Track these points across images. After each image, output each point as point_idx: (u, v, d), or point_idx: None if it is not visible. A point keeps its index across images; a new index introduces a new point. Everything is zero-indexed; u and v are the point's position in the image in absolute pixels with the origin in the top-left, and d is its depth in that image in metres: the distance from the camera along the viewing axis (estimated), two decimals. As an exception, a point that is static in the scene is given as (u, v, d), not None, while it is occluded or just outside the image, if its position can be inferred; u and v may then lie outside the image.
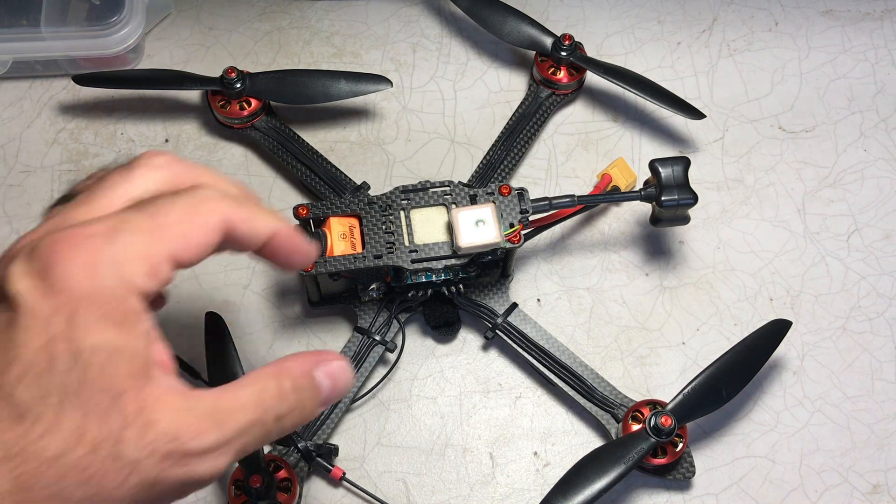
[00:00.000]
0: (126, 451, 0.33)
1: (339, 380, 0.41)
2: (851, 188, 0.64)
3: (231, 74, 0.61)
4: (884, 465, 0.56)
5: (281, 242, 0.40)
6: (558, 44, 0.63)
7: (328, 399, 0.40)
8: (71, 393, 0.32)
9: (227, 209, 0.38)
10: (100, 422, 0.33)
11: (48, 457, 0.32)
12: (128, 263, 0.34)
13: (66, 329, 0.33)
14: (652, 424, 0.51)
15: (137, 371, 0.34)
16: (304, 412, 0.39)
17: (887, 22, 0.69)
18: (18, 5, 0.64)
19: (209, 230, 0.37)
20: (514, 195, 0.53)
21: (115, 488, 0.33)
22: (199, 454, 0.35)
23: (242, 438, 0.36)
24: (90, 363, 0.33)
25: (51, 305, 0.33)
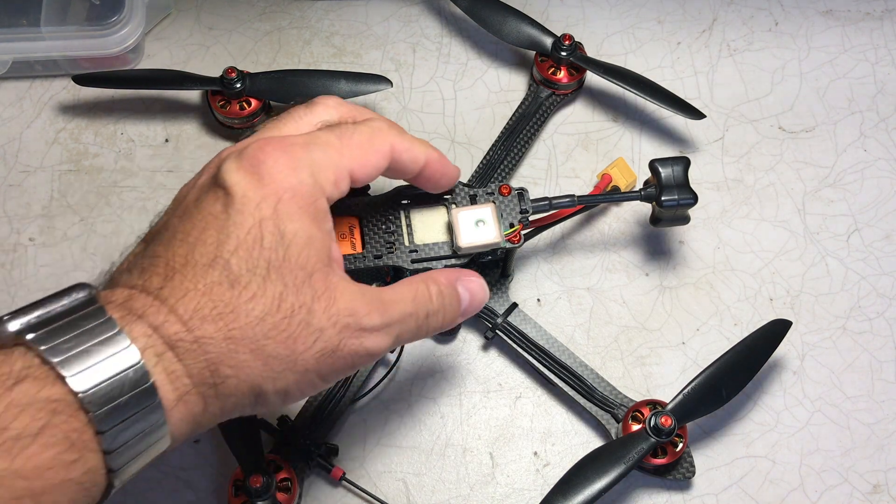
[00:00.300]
0: (315, 319, 0.39)
1: (476, 294, 0.48)
2: (851, 188, 0.64)
3: (231, 74, 0.61)
4: (884, 465, 0.56)
5: (432, 169, 0.48)
6: (558, 44, 0.63)
7: (466, 310, 0.47)
8: (275, 267, 0.39)
9: (395, 139, 0.45)
10: (296, 293, 0.39)
11: (254, 317, 0.38)
12: (320, 170, 0.41)
13: (273, 214, 0.39)
14: (652, 424, 0.51)
15: (324, 258, 0.40)
16: (447, 316, 0.46)
17: (887, 22, 0.69)
18: (18, 5, 0.64)
19: (381, 155, 0.45)
20: (514, 195, 0.53)
21: (304, 350, 0.39)
22: (370, 330, 0.41)
23: (400, 326, 0.43)
24: (291, 244, 0.39)
25: (260, 194, 0.39)
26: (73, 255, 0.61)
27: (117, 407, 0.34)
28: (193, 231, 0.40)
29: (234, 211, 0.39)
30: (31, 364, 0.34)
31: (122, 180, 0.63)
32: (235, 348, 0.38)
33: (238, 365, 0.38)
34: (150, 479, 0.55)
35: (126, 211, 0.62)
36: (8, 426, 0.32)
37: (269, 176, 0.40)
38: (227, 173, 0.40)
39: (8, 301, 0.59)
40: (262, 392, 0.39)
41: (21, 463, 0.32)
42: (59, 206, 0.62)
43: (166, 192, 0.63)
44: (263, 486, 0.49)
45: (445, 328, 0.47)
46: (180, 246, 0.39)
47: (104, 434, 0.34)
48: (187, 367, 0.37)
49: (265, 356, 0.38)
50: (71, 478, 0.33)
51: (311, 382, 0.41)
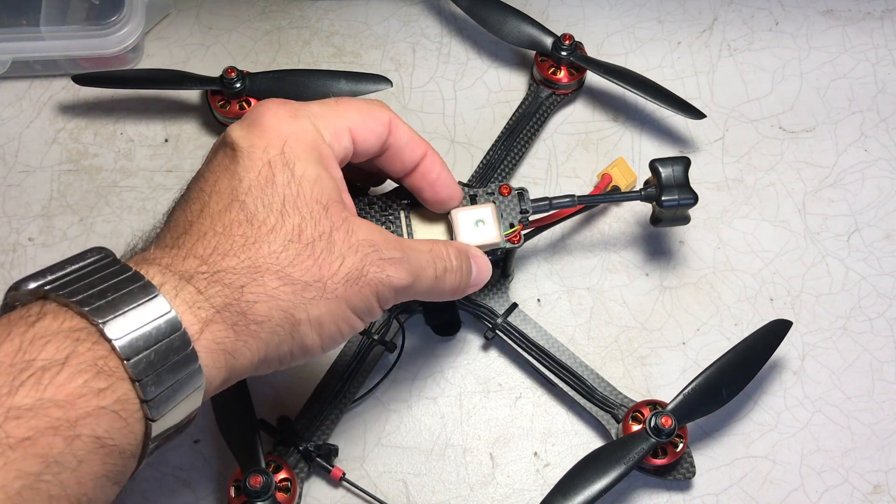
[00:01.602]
0: (336, 247, 0.41)
1: (482, 269, 0.49)
2: (852, 188, 0.63)
3: (231, 74, 0.61)
4: (884, 465, 0.56)
5: (431, 166, 0.49)
6: (558, 43, 0.63)
7: (473, 282, 0.49)
8: (290, 201, 0.40)
9: (393, 115, 0.47)
10: (314, 224, 0.40)
11: (277, 246, 0.39)
12: (319, 119, 0.43)
13: (281, 155, 0.41)
14: (652, 425, 0.51)
15: (336, 196, 0.42)
16: (462, 278, 0.47)
17: (888, 22, 0.69)
18: (18, 5, 0.64)
19: (380, 121, 0.46)
20: (514, 195, 0.53)
21: (331, 275, 0.40)
22: (390, 261, 0.42)
23: (419, 268, 0.44)
24: (303, 180, 0.41)
25: (265, 140, 0.41)
26: (72, 255, 0.61)
27: (141, 336, 0.35)
28: (206, 186, 0.41)
29: (243, 158, 0.41)
30: (50, 306, 0.35)
31: (122, 180, 0.63)
32: (261, 276, 0.39)
33: (265, 291, 0.39)
34: (150, 478, 0.55)
35: (125, 211, 0.62)
36: (35, 357, 0.33)
37: (271, 124, 0.42)
38: (232, 132, 0.42)
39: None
40: (296, 321, 0.40)
41: (53, 392, 0.32)
42: (58, 206, 0.62)
43: (166, 193, 0.63)
44: (263, 486, 0.49)
45: (458, 292, 0.48)
46: (195, 202, 0.41)
47: (130, 361, 0.34)
48: (209, 298, 0.37)
49: (292, 282, 0.39)
50: (104, 405, 0.33)
51: (344, 315, 0.42)
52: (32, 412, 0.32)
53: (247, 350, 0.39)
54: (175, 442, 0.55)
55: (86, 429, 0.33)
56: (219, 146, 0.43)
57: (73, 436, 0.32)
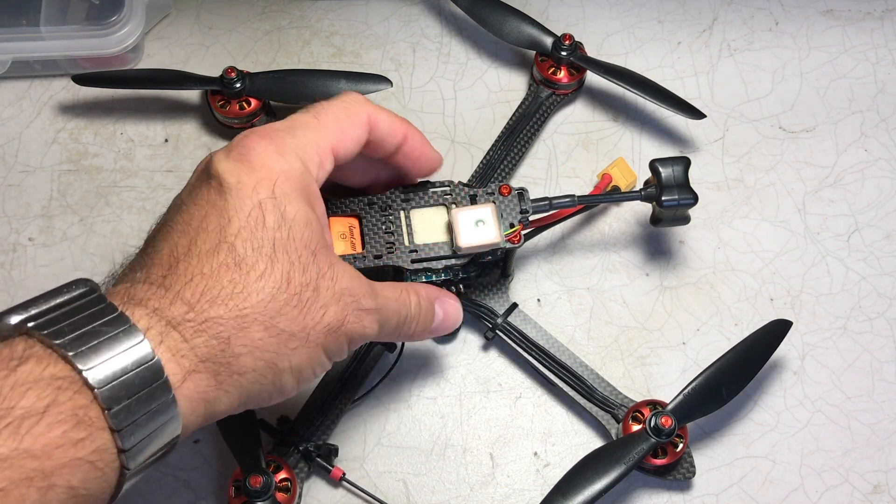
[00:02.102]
0: (321, 296, 0.41)
1: (450, 315, 0.50)
2: (852, 188, 0.63)
3: (231, 74, 0.61)
4: (884, 465, 0.56)
5: (412, 145, 0.49)
6: (558, 43, 0.63)
7: (437, 328, 0.49)
8: (280, 246, 0.40)
9: (371, 108, 0.47)
10: (302, 271, 0.40)
11: (266, 295, 0.39)
12: (306, 152, 0.43)
13: (271, 196, 0.40)
14: (652, 425, 0.51)
15: (322, 239, 0.42)
16: (419, 326, 0.48)
17: (888, 22, 0.69)
18: (18, 5, 0.64)
19: (360, 126, 0.46)
20: (514, 195, 0.53)
21: (314, 326, 0.40)
22: (366, 311, 0.43)
23: (386, 317, 0.44)
24: (294, 224, 0.40)
25: (254, 178, 0.40)
26: (72, 255, 0.61)
27: (123, 384, 0.34)
28: (193, 221, 0.40)
29: (232, 196, 0.40)
30: (34, 347, 0.34)
31: (122, 180, 0.63)
32: (248, 326, 0.38)
33: (252, 342, 0.38)
34: (150, 479, 0.55)
35: (125, 211, 0.62)
36: (14, 405, 0.32)
37: (260, 161, 0.41)
38: (218, 163, 0.41)
39: (8, 301, 0.59)
40: (279, 370, 0.40)
41: (29, 442, 0.32)
42: (58, 206, 0.62)
43: (166, 192, 0.63)
44: (263, 486, 0.49)
45: (415, 338, 0.49)
46: (181, 237, 0.40)
47: (111, 411, 0.34)
48: (194, 347, 0.37)
49: (278, 332, 0.39)
50: (80, 456, 0.33)
51: (320, 361, 0.42)
52: (7, 462, 0.31)
53: (227, 398, 0.39)
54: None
55: (61, 479, 0.33)
56: (203, 177, 0.42)
57: (48, 486, 0.32)
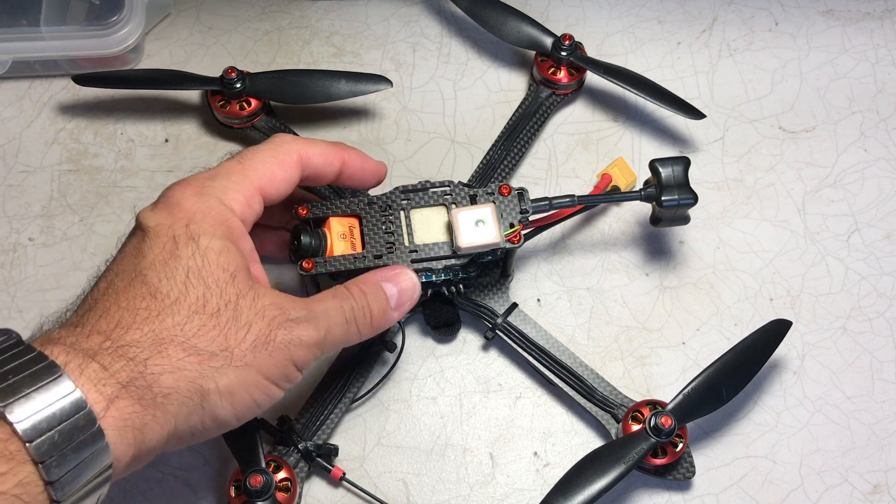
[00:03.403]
0: (242, 314, 0.41)
1: (403, 285, 0.49)
2: (852, 188, 0.63)
3: (231, 74, 0.61)
4: (884, 465, 0.56)
5: (353, 168, 0.50)
6: (558, 44, 0.63)
7: (399, 302, 0.49)
8: (194, 272, 0.40)
9: (301, 146, 0.47)
10: (219, 293, 0.40)
11: (181, 318, 0.39)
12: (227, 193, 0.44)
13: (186, 231, 0.41)
14: (652, 425, 0.51)
15: (244, 267, 0.42)
16: (374, 309, 0.47)
17: (887, 22, 0.69)
18: (18, 5, 0.64)
19: (288, 166, 0.46)
20: (514, 195, 0.53)
21: (237, 344, 0.40)
22: (297, 321, 0.42)
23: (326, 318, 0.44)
24: (208, 251, 0.41)
25: (170, 218, 0.42)
26: (72, 255, 0.61)
27: (44, 418, 0.34)
28: (113, 266, 0.42)
29: (149, 237, 0.41)
30: None
31: (122, 180, 0.63)
32: (165, 347, 0.39)
33: (170, 362, 0.39)
34: (150, 478, 0.55)
35: (126, 211, 0.62)
36: None
37: (178, 205, 0.42)
38: (142, 215, 0.43)
39: (8, 301, 0.59)
40: (205, 392, 0.39)
41: None
42: (58, 206, 0.62)
43: (166, 192, 0.63)
44: (263, 486, 0.49)
45: (380, 323, 0.48)
46: (101, 282, 0.41)
47: (32, 443, 0.34)
48: (114, 373, 0.37)
49: (198, 352, 0.39)
50: (3, 490, 0.33)
51: (257, 383, 0.41)
52: None
53: (155, 424, 0.38)
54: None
55: None
56: (131, 231, 0.44)
57: None
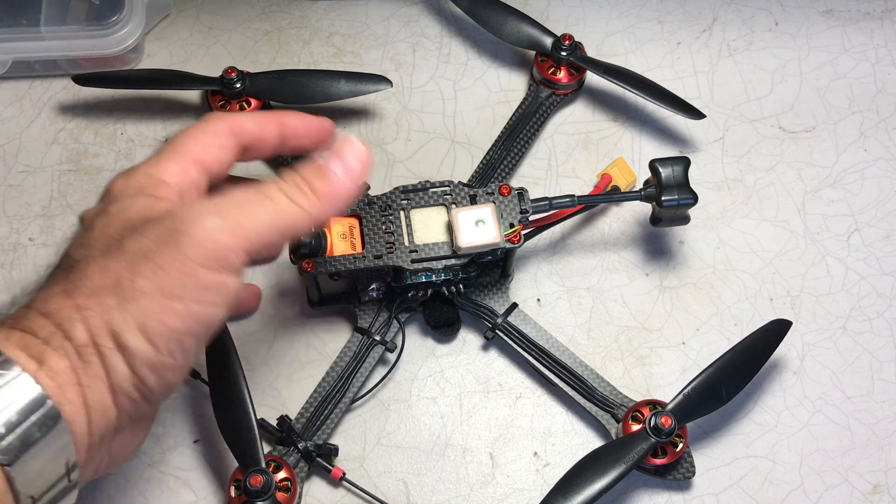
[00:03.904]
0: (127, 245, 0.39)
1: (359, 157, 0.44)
2: (852, 188, 0.63)
3: (231, 74, 0.61)
4: (884, 465, 0.56)
5: (293, 127, 0.47)
6: (558, 44, 0.63)
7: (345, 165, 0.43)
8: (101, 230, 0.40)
9: (231, 117, 0.46)
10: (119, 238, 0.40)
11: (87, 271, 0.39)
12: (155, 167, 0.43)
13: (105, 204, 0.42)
14: (652, 424, 0.51)
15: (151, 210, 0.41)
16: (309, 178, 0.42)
17: (887, 22, 0.69)
18: (18, 5, 0.64)
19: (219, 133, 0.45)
20: (514, 195, 0.53)
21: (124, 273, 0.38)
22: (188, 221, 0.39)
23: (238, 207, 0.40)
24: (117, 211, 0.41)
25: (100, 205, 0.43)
26: (72, 255, 0.61)
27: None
28: None
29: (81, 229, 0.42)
30: None
31: (122, 180, 0.63)
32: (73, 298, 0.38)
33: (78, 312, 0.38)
34: (150, 478, 0.55)
35: (126, 211, 0.62)
36: None
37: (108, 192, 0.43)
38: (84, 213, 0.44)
39: (8, 301, 0.59)
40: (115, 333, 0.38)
41: None
42: (59, 206, 0.62)
43: (166, 192, 0.63)
44: (263, 486, 0.49)
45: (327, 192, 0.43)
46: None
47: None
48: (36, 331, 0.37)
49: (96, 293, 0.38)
50: None
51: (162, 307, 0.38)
52: None
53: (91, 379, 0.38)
54: (175, 442, 0.56)
55: None
56: None
57: None
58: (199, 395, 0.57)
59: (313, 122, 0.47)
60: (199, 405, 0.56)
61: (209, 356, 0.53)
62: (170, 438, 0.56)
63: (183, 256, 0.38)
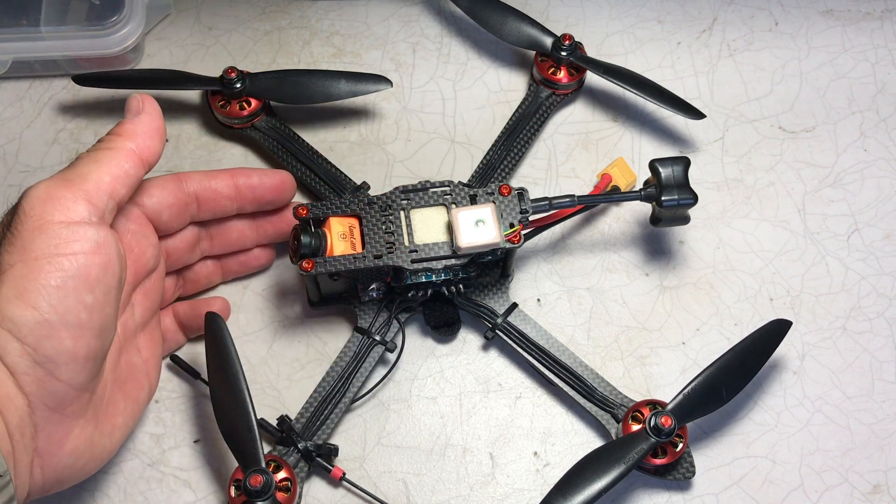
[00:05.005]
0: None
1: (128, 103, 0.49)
2: (851, 188, 0.63)
3: (231, 74, 0.61)
4: (884, 465, 0.56)
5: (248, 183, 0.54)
6: (558, 44, 0.63)
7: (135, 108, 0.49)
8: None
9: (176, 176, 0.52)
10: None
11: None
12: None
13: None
14: (652, 424, 0.51)
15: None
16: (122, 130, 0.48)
17: (887, 22, 0.69)
18: (18, 5, 0.64)
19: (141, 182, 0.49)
20: (514, 195, 0.53)
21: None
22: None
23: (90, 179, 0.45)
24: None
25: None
26: (72, 255, 0.61)
27: None
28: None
29: None
30: None
31: (122, 180, 0.63)
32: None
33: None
34: (151, 478, 0.55)
35: (126, 211, 0.62)
36: None
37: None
38: None
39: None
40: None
41: None
42: (58, 206, 0.62)
43: (166, 192, 0.63)
44: (263, 486, 0.49)
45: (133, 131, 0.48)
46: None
47: None
48: None
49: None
50: None
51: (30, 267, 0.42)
52: None
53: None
54: (175, 442, 0.56)
55: None
56: None
57: None
58: (199, 395, 0.57)
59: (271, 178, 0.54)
60: (199, 405, 0.56)
61: (209, 356, 0.53)
62: (170, 438, 0.56)
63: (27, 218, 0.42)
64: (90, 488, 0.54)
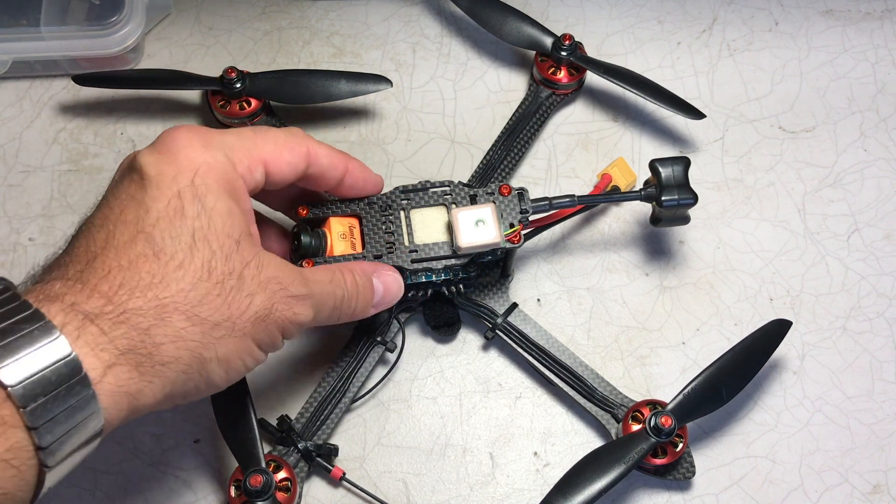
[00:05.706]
0: (245, 285, 0.40)
1: (390, 288, 0.50)
2: (851, 188, 0.63)
3: (231, 74, 0.61)
4: (884, 465, 0.56)
5: (354, 177, 0.50)
6: (558, 44, 0.63)
7: (379, 302, 0.49)
8: (200, 234, 0.39)
9: (312, 143, 0.47)
10: (224, 260, 0.39)
11: (186, 284, 0.38)
12: (234, 151, 0.42)
13: (191, 186, 0.40)
14: (652, 424, 0.51)
15: (246, 230, 0.41)
16: (360, 303, 0.48)
17: (887, 22, 0.69)
18: (18, 5, 0.64)
19: (297, 154, 0.46)
20: (514, 195, 0.53)
21: (240, 315, 0.40)
22: (296, 298, 0.43)
23: (319, 301, 0.44)
24: (214, 213, 0.40)
25: (174, 169, 0.40)
26: (72, 255, 0.61)
27: (39, 381, 0.34)
28: (112, 215, 0.39)
29: (151, 187, 0.39)
30: None
31: (122, 180, 0.63)
32: (168, 316, 0.38)
33: (173, 331, 0.38)
34: (151, 478, 0.55)
35: (126, 211, 0.62)
36: None
37: (183, 153, 0.40)
38: (140, 157, 0.41)
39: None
40: (204, 360, 0.39)
41: None
42: (59, 206, 0.62)
43: (166, 192, 0.63)
44: (263, 485, 0.49)
45: (358, 315, 0.49)
46: (99, 231, 0.39)
47: (27, 409, 0.33)
48: (114, 340, 0.36)
49: (201, 321, 0.39)
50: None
51: (249, 351, 0.41)
52: None
53: (150, 390, 0.38)
54: (175, 442, 0.56)
55: None
56: (125, 171, 0.42)
57: None
58: (199, 395, 0.57)
59: (372, 176, 0.52)
60: (199, 405, 0.56)
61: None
62: (170, 438, 0.56)
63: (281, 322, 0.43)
64: (90, 488, 0.54)
